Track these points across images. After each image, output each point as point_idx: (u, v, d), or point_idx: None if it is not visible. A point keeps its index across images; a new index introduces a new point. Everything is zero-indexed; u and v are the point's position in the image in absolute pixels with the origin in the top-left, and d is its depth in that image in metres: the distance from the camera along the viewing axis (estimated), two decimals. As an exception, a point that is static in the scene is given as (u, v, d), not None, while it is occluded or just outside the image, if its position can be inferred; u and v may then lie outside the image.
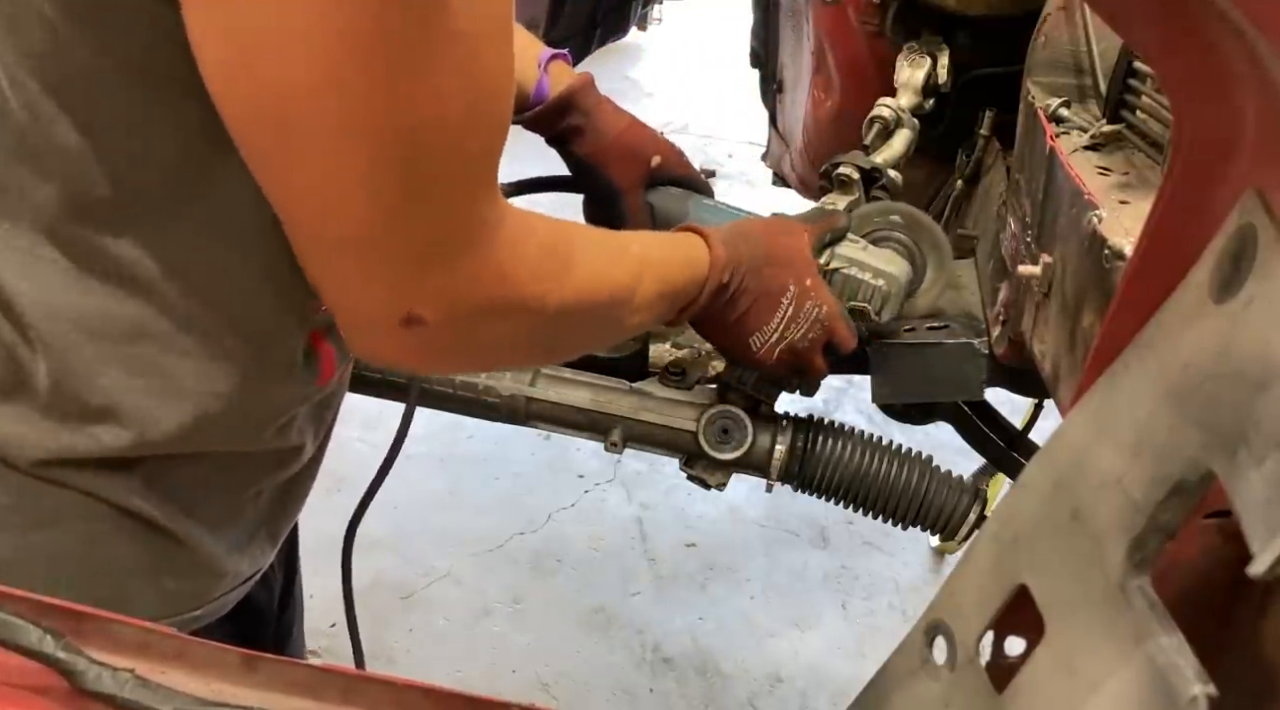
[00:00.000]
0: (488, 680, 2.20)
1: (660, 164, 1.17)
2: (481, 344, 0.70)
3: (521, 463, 2.82)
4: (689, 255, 0.89)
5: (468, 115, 0.59)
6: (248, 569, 0.82)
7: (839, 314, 1.02)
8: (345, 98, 0.54)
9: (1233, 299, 0.45)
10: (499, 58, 0.60)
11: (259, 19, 0.52)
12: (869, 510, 1.19)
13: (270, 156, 0.58)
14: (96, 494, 0.69)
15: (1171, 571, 0.52)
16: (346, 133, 0.55)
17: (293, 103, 0.54)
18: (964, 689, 0.57)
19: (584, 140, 1.15)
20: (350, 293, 0.63)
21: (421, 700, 0.52)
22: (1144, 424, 0.48)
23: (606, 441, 1.20)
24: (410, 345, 0.65)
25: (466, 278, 0.63)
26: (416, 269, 0.61)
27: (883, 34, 1.46)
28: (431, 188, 0.59)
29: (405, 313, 0.62)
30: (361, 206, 0.58)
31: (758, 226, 1.00)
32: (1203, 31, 0.46)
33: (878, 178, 1.25)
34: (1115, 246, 0.82)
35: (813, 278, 1.00)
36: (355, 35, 0.52)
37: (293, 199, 0.60)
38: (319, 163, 0.57)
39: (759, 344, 0.99)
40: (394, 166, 0.57)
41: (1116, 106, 1.03)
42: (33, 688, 0.48)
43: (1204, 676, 0.41)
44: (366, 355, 0.69)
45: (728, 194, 4.65)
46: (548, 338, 0.77)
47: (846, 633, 2.44)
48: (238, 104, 0.56)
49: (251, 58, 0.54)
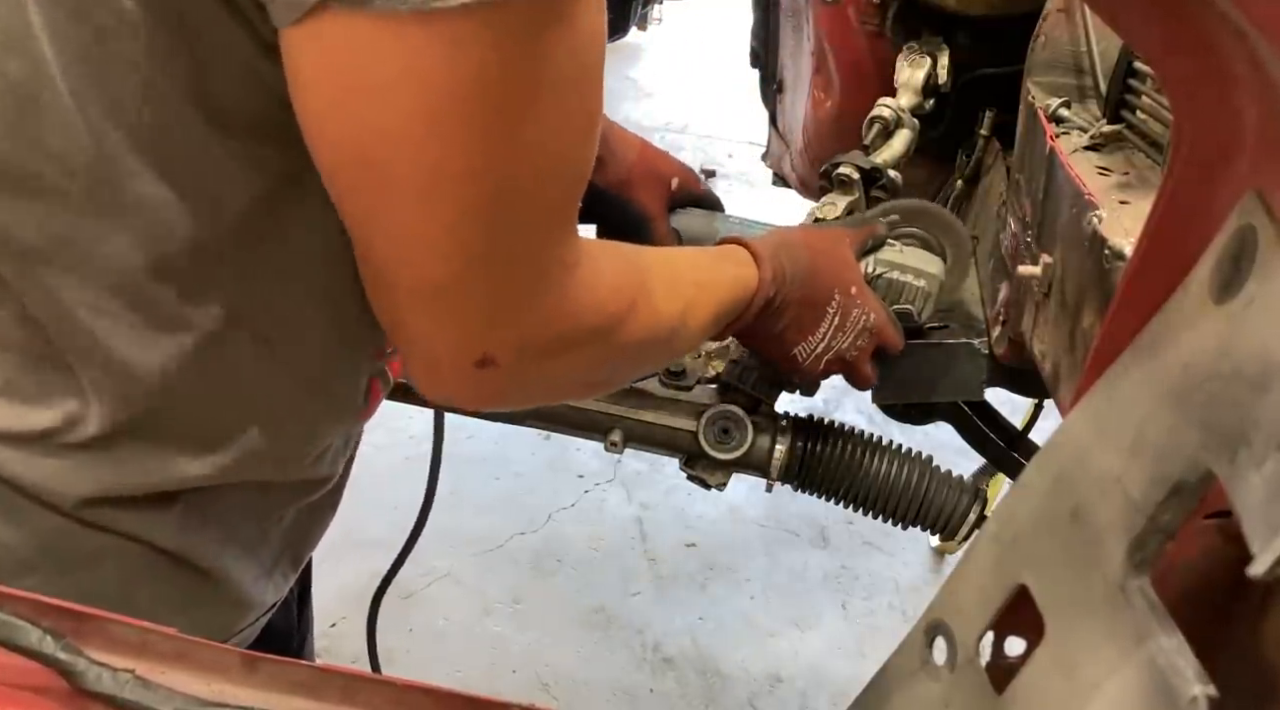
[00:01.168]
0: (488, 680, 2.20)
1: (679, 186, 1.16)
2: (547, 382, 0.71)
3: (521, 463, 2.81)
4: (737, 273, 0.89)
5: (556, 165, 0.59)
6: (272, 597, 0.81)
7: (887, 319, 1.02)
8: (443, 149, 0.54)
9: (1233, 299, 0.45)
10: (591, 105, 0.60)
11: (369, 66, 0.53)
12: (869, 510, 1.19)
13: (360, 201, 0.58)
14: (135, 536, 0.68)
15: (1171, 571, 0.52)
16: (439, 183, 0.56)
17: (389, 150, 0.55)
18: (964, 689, 0.57)
19: (605, 171, 1.12)
20: (425, 336, 0.63)
21: (421, 700, 0.52)
22: (1144, 424, 0.48)
23: (606, 441, 1.20)
24: (480, 386, 0.65)
25: (541, 320, 0.64)
26: (493, 313, 0.62)
27: (883, 34, 1.46)
28: (515, 236, 0.59)
29: (480, 355, 0.62)
30: (445, 254, 0.58)
31: (799, 237, 0.99)
32: (1203, 31, 0.46)
33: (878, 178, 1.25)
34: (1115, 246, 0.82)
35: (858, 286, 1.00)
36: (456, 89, 0.53)
37: (377, 243, 0.60)
38: (409, 210, 0.57)
39: (805, 354, 0.98)
40: (482, 216, 0.57)
41: (1116, 106, 1.03)
42: (33, 688, 0.48)
43: (1204, 677, 0.41)
44: (435, 396, 0.69)
45: (728, 194, 4.65)
46: (609, 371, 0.78)
47: (846, 633, 2.44)
48: (335, 148, 0.57)
49: (353, 102, 0.54)
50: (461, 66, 0.52)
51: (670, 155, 1.19)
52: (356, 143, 0.56)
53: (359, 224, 0.60)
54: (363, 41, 0.52)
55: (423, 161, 0.55)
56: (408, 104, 0.53)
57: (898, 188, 1.27)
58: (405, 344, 0.65)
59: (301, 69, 0.55)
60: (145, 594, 0.69)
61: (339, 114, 0.55)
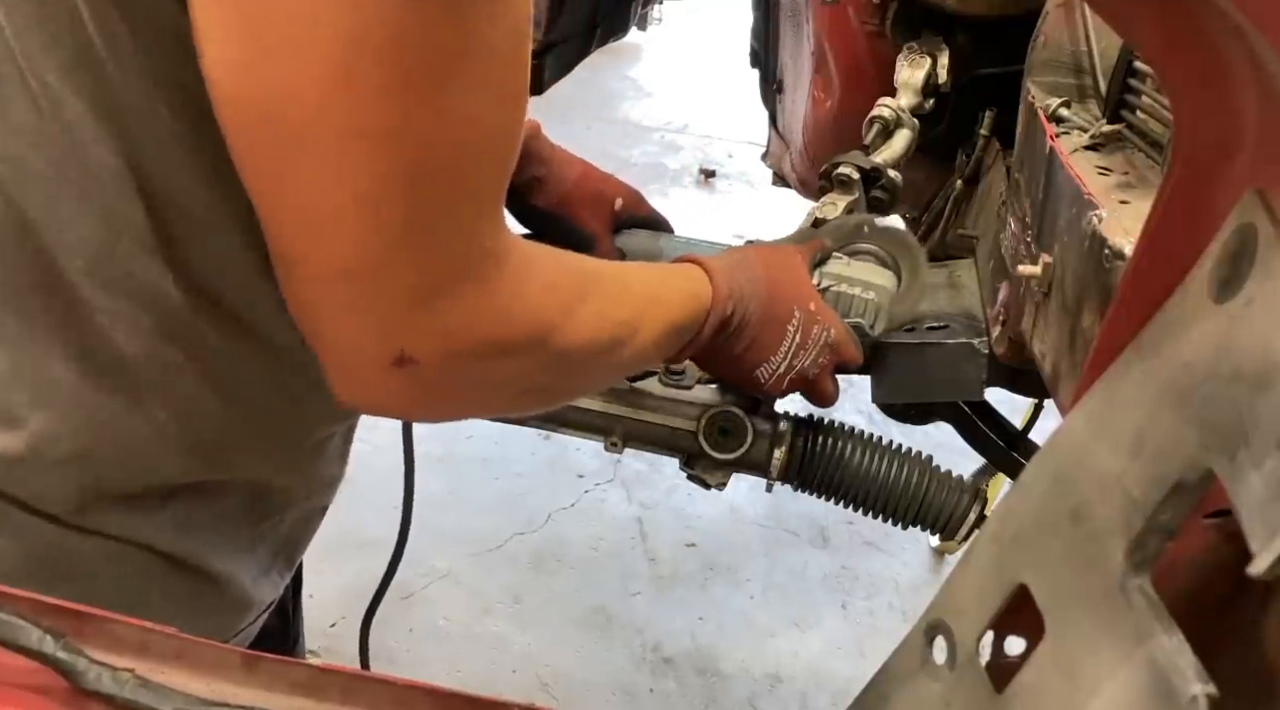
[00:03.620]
0: (488, 680, 2.20)
1: (623, 206, 1.13)
2: (476, 387, 0.66)
3: (521, 463, 2.81)
4: (690, 289, 0.84)
5: (481, 139, 0.56)
6: (270, 596, 0.81)
7: (846, 334, 1.00)
8: (354, 102, 0.51)
9: (1233, 299, 0.45)
10: (515, 83, 0.57)
11: (275, 14, 0.50)
12: (869, 510, 1.19)
13: (266, 168, 0.55)
14: (127, 538, 0.67)
15: (1171, 571, 0.52)
16: (350, 141, 0.52)
17: (297, 105, 0.51)
18: (964, 689, 0.57)
19: (545, 190, 1.09)
20: (337, 329, 0.59)
21: (421, 700, 0.52)
22: (1144, 423, 0.48)
23: (606, 441, 1.20)
24: (400, 388, 0.60)
25: (464, 315, 0.59)
26: (411, 304, 0.57)
27: (883, 34, 1.46)
28: (435, 214, 0.56)
29: (396, 352, 0.58)
30: (358, 230, 0.54)
31: (754, 254, 0.95)
32: (1203, 31, 0.46)
33: (878, 178, 1.25)
34: (1115, 246, 0.82)
35: (815, 301, 0.97)
36: (367, 38, 0.50)
37: (284, 218, 0.56)
38: (317, 175, 0.53)
39: (766, 375, 0.96)
40: (397, 186, 0.54)
41: (1116, 106, 1.03)
42: (33, 688, 0.48)
43: (1204, 676, 0.41)
44: (351, 400, 0.63)
45: (728, 194, 4.66)
46: (546, 382, 0.72)
47: (846, 633, 2.44)
48: (240, 108, 0.53)
49: (261, 56, 0.51)
50: (372, 16, 0.50)
51: (613, 177, 1.16)
52: (261, 101, 0.52)
53: (264, 195, 0.56)
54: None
55: (331, 118, 0.51)
56: (315, 55, 0.50)
57: (898, 188, 1.27)
58: (316, 338, 0.60)
59: (205, 25, 0.52)
60: (141, 598, 0.69)
61: (243, 70, 0.52)
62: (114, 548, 0.67)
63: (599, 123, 4.91)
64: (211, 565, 0.72)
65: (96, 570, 0.67)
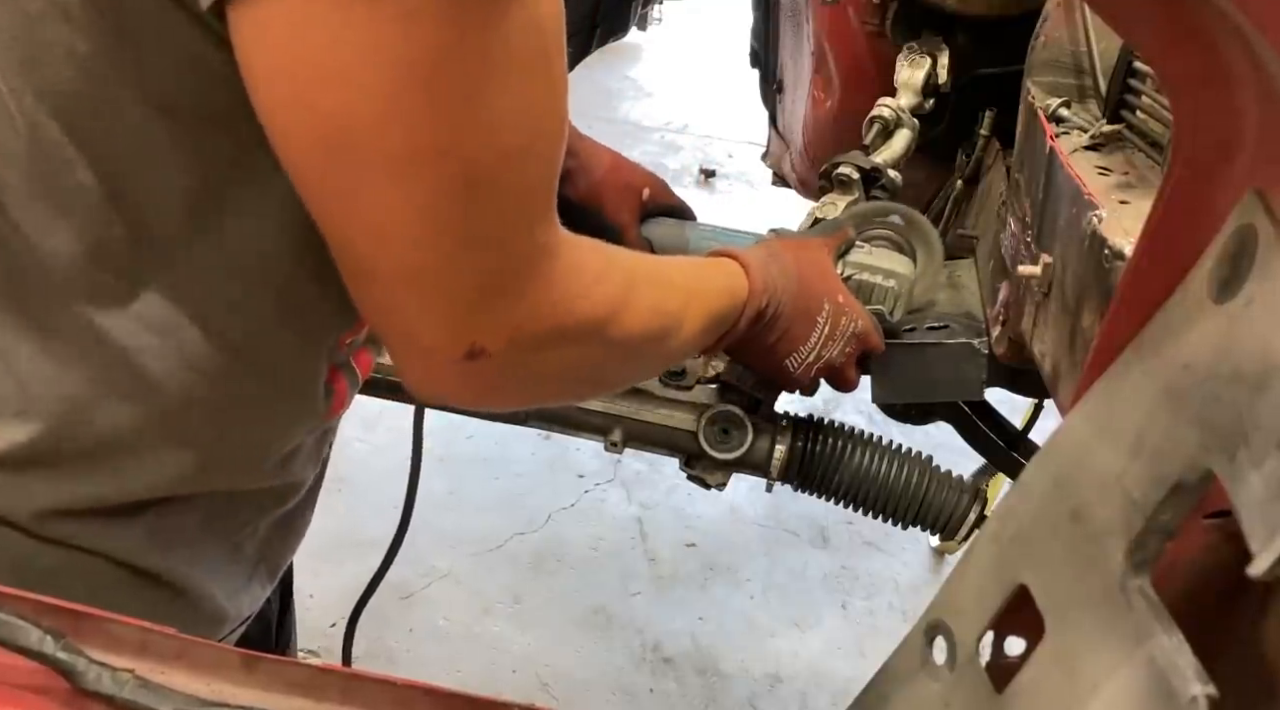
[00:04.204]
0: (488, 680, 2.20)
1: (650, 196, 1.15)
2: (541, 376, 0.69)
3: (521, 463, 2.81)
4: (728, 283, 0.87)
5: (528, 143, 0.58)
6: (248, 610, 0.81)
7: (870, 324, 1.03)
8: (409, 127, 0.54)
9: (1233, 299, 0.45)
10: (555, 84, 0.60)
11: (322, 50, 0.52)
12: (869, 510, 1.19)
13: (330, 190, 0.57)
14: (98, 550, 0.68)
15: (1171, 571, 0.52)
16: (409, 162, 0.55)
17: (355, 133, 0.54)
18: (964, 689, 0.57)
19: (575, 181, 1.12)
20: (411, 326, 0.62)
21: (421, 700, 0.52)
22: (1144, 424, 0.48)
23: (606, 441, 1.20)
24: (472, 379, 0.63)
25: (528, 307, 0.62)
26: (478, 300, 0.61)
27: (883, 34, 1.46)
28: (492, 216, 0.58)
29: (468, 345, 0.61)
30: (422, 237, 0.57)
31: (784, 247, 0.98)
32: (1203, 31, 0.46)
33: (878, 178, 1.25)
34: (1115, 246, 0.82)
35: (844, 294, 1.00)
36: (414, 64, 0.52)
37: (352, 231, 0.59)
38: (381, 194, 0.56)
39: (796, 364, 0.98)
40: (456, 196, 0.56)
41: (1116, 106, 1.03)
42: (33, 688, 0.48)
43: (1204, 676, 0.41)
44: (424, 390, 0.67)
45: (728, 194, 4.66)
46: (603, 369, 0.76)
47: (846, 633, 2.44)
48: (298, 139, 0.56)
49: (312, 91, 0.53)
50: (417, 41, 0.52)
51: (640, 166, 1.18)
52: (318, 131, 0.55)
53: (331, 215, 0.59)
54: (309, 25, 0.51)
55: (388, 143, 0.54)
56: (366, 85, 0.52)
57: (898, 188, 1.27)
58: (393, 339, 0.64)
59: (253, 62, 0.54)
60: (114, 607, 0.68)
61: (297, 102, 0.54)
62: (80, 559, 0.67)
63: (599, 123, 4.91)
64: (184, 579, 0.72)
65: (63, 580, 0.67)
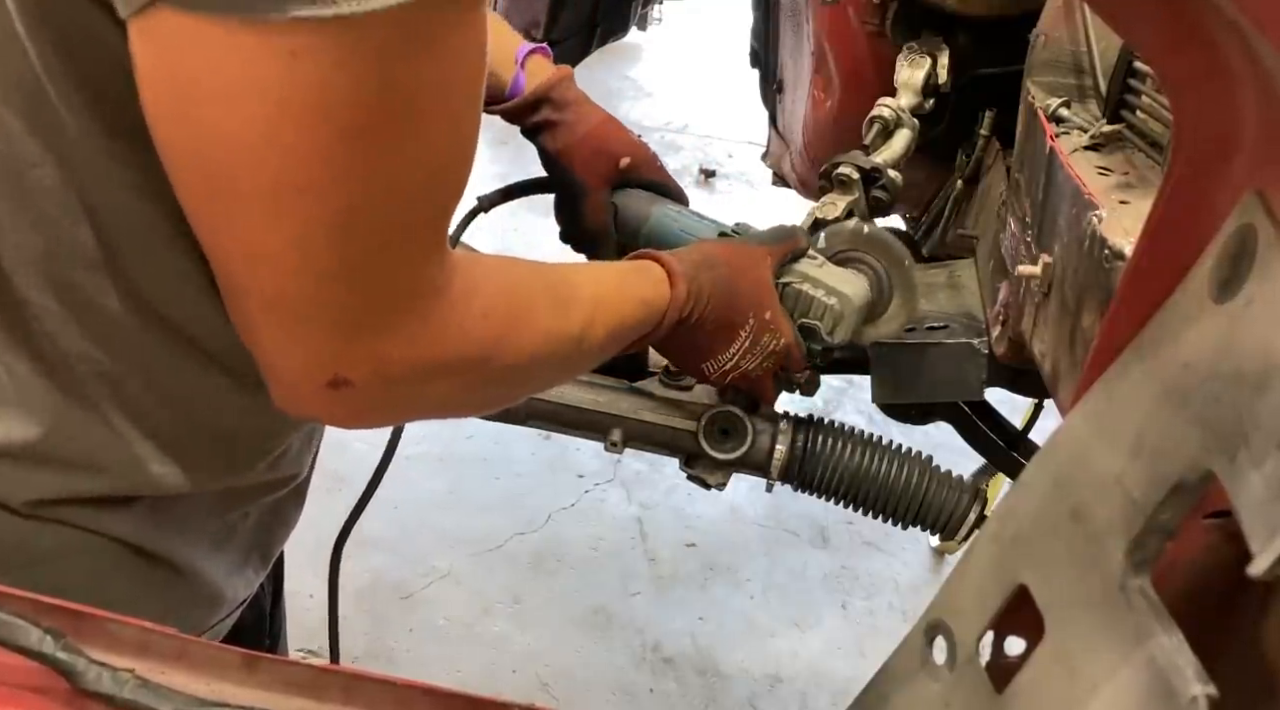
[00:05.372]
0: (488, 680, 2.20)
1: (630, 165, 1.15)
2: (415, 404, 0.68)
3: (521, 463, 2.81)
4: (644, 295, 0.87)
5: (419, 187, 0.57)
6: (244, 593, 0.81)
7: (794, 342, 1.02)
8: (283, 160, 0.53)
9: (1233, 299, 0.45)
10: (461, 130, 0.59)
11: (205, 70, 0.51)
12: (869, 510, 1.19)
13: (205, 207, 0.57)
14: (97, 530, 0.68)
15: (1171, 571, 0.52)
16: (281, 194, 0.54)
17: (230, 156, 0.53)
18: (964, 689, 0.57)
19: (554, 135, 1.13)
20: (276, 352, 0.61)
21: (421, 700, 0.52)
22: (1144, 424, 0.48)
23: (606, 441, 1.20)
24: (337, 406, 0.63)
25: (399, 344, 0.61)
26: (344, 334, 0.59)
27: (883, 34, 1.46)
28: (368, 255, 0.57)
29: (331, 375, 0.60)
30: (291, 268, 0.56)
31: (721, 254, 0.97)
32: (1203, 31, 0.46)
33: (878, 178, 1.25)
34: (1115, 246, 0.82)
35: (772, 310, 0.99)
36: (292, 101, 0.51)
37: (223, 252, 0.58)
38: (252, 220, 0.55)
39: (711, 370, 0.99)
40: (328, 232, 0.55)
41: (1116, 106, 1.03)
42: (33, 688, 0.48)
43: (1204, 676, 0.41)
44: (294, 413, 0.66)
45: (728, 194, 4.65)
46: (487, 396, 0.75)
47: (846, 633, 2.44)
48: (176, 150, 0.55)
49: (193, 106, 0.52)
50: (300, 79, 0.50)
51: (634, 137, 1.18)
52: (196, 149, 0.54)
53: (206, 228, 0.58)
54: (196, 45, 0.51)
55: (262, 173, 0.53)
56: (245, 112, 0.51)
57: (898, 188, 1.27)
58: (260, 358, 0.63)
59: (142, 67, 0.53)
60: (115, 588, 0.69)
61: (178, 117, 0.54)
62: (81, 538, 0.68)
63: (599, 123, 4.89)
64: (181, 559, 0.73)
65: (64, 559, 0.68)
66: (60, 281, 0.62)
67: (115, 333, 0.64)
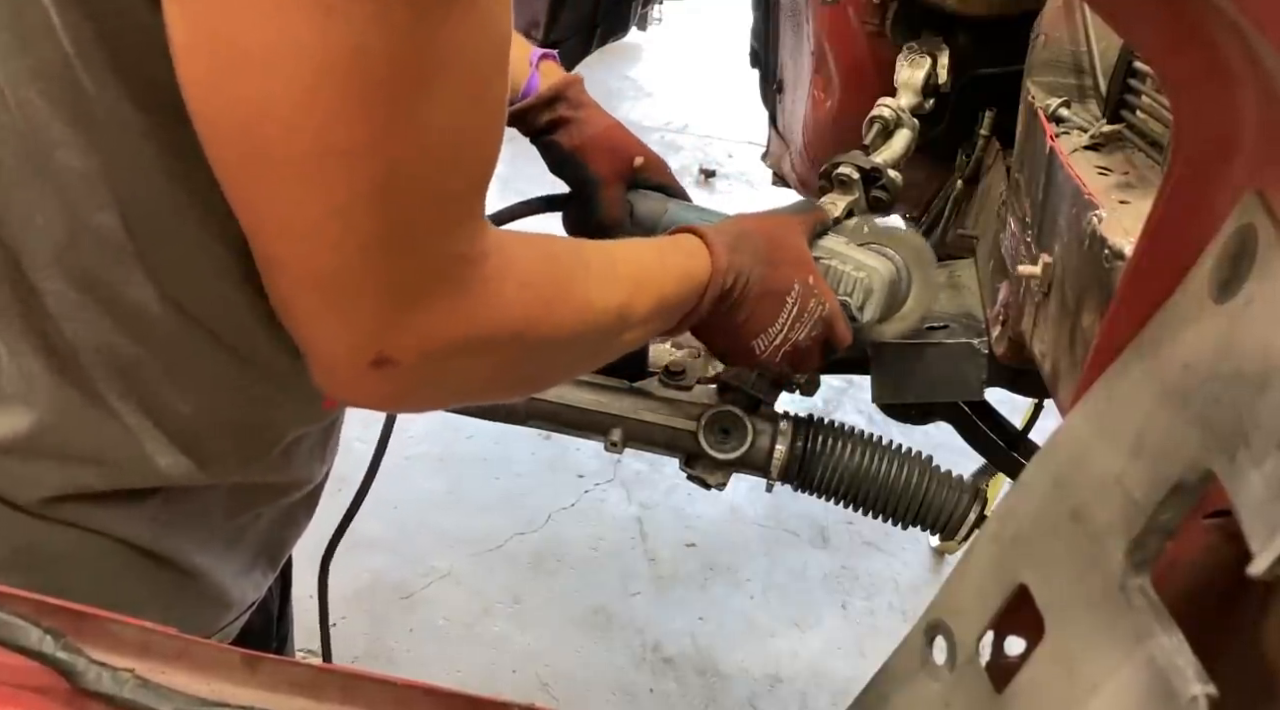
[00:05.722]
0: (488, 680, 2.20)
1: (642, 166, 1.15)
2: (457, 383, 0.67)
3: (521, 463, 2.81)
4: (687, 265, 0.85)
5: (455, 151, 0.57)
6: (252, 596, 0.81)
7: (838, 309, 1.00)
8: (323, 124, 0.52)
9: (1233, 299, 0.45)
10: (492, 93, 0.58)
11: (243, 33, 0.51)
12: (869, 510, 1.19)
13: (243, 180, 0.56)
14: (106, 532, 0.68)
15: (1171, 571, 0.52)
16: (323, 159, 0.53)
17: (270, 123, 0.52)
18: (964, 689, 0.57)
19: (570, 131, 1.13)
20: (317, 330, 0.60)
21: (421, 700, 0.52)
22: (1144, 424, 0.48)
23: (606, 441, 1.20)
24: (380, 386, 0.61)
25: (441, 317, 0.60)
26: (388, 307, 0.58)
27: (883, 34, 1.46)
28: (409, 224, 0.57)
29: (375, 353, 0.59)
30: (332, 239, 0.56)
31: (755, 224, 0.96)
32: (1203, 30, 0.46)
33: (878, 178, 1.25)
34: (1115, 246, 0.82)
35: (814, 275, 0.97)
36: (336, 60, 0.51)
37: (262, 227, 0.57)
38: (292, 189, 0.54)
39: (764, 346, 0.96)
40: (370, 199, 0.55)
41: (1116, 106, 1.03)
42: (33, 688, 0.48)
43: (1204, 676, 0.41)
44: (335, 395, 0.65)
45: (728, 194, 4.66)
46: (529, 372, 0.74)
47: (846, 633, 2.44)
48: (214, 121, 0.54)
49: (231, 72, 0.52)
50: (337, 37, 0.50)
51: (642, 143, 1.18)
52: (234, 116, 0.53)
53: (244, 203, 0.57)
54: (231, 9, 0.50)
55: (302, 137, 0.52)
56: (284, 75, 0.51)
57: (898, 188, 1.27)
58: (299, 339, 0.62)
59: (178, 38, 0.53)
60: (123, 590, 0.69)
61: (215, 84, 0.53)
62: (91, 540, 0.67)
63: (599, 123, 4.89)
64: (190, 561, 0.72)
65: (73, 560, 0.67)
66: (81, 269, 0.62)
67: (136, 321, 0.63)
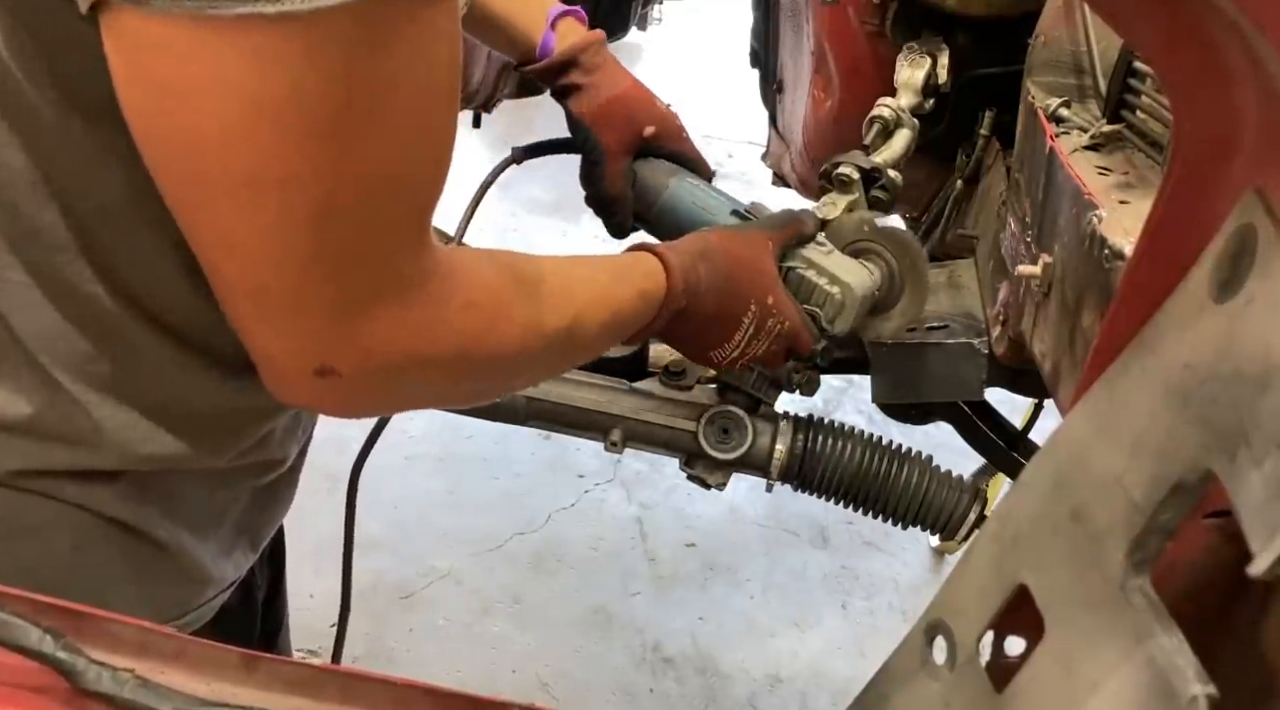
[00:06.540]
0: (488, 680, 2.20)
1: (654, 134, 1.16)
2: (405, 394, 0.69)
3: (521, 463, 2.81)
4: (643, 286, 0.87)
5: (393, 178, 0.58)
6: (232, 574, 0.81)
7: (800, 324, 1.02)
8: (253, 155, 0.53)
9: (1233, 299, 0.45)
10: (436, 121, 0.59)
11: (172, 72, 0.51)
12: (869, 510, 1.19)
13: (183, 198, 0.57)
14: (81, 504, 0.68)
15: (1171, 571, 0.52)
16: (253, 187, 0.54)
17: (204, 154, 0.53)
18: (964, 689, 0.57)
19: (580, 99, 1.14)
20: (260, 340, 0.61)
21: (421, 700, 0.52)
22: (1144, 424, 0.48)
23: (606, 441, 1.20)
24: (325, 395, 0.63)
25: (383, 333, 0.61)
26: (329, 322, 0.60)
27: (883, 34, 1.46)
28: (349, 246, 0.58)
29: (318, 364, 0.60)
30: (273, 258, 0.57)
31: (720, 244, 0.97)
32: (1202, 30, 0.46)
33: (878, 178, 1.25)
34: (1115, 246, 0.82)
35: (775, 295, 0.99)
36: (262, 100, 0.51)
37: (204, 241, 0.59)
38: (230, 212, 0.56)
39: (719, 358, 0.99)
40: (309, 224, 0.56)
41: (1116, 106, 1.03)
42: (33, 688, 0.48)
43: (1204, 676, 0.41)
44: (284, 400, 0.67)
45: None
46: (479, 386, 0.76)
47: (846, 633, 2.44)
48: (153, 144, 0.56)
49: (163, 107, 0.53)
50: (271, 77, 0.51)
51: (661, 106, 1.18)
52: (172, 142, 0.55)
53: (188, 223, 0.59)
54: (160, 45, 0.51)
55: (237, 168, 0.54)
56: (215, 111, 0.52)
57: (898, 188, 1.27)
58: (246, 344, 0.63)
59: (115, 66, 0.54)
60: (96, 562, 0.69)
61: (151, 113, 0.54)
62: (64, 511, 0.68)
63: (599, 123, 4.89)
64: (167, 536, 0.72)
65: (46, 531, 0.68)
66: (34, 263, 0.63)
67: (93, 315, 0.64)
